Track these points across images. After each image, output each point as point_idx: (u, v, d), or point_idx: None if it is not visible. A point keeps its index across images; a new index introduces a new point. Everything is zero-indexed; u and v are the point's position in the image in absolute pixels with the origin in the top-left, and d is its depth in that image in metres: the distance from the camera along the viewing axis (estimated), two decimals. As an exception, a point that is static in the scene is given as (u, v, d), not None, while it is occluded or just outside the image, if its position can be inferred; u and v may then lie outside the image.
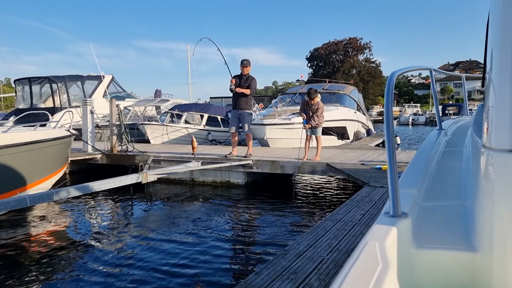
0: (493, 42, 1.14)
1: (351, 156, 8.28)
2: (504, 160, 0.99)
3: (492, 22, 1.16)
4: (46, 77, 14.95)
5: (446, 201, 1.58)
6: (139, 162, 8.44)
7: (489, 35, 1.25)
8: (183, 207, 6.73)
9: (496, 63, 1.07)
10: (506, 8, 1.03)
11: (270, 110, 12.78)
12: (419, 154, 2.13)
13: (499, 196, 1.00)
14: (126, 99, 17.25)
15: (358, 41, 58.75)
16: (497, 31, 1.09)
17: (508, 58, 1.01)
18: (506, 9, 1.03)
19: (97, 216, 6.47)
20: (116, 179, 6.37)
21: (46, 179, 6.93)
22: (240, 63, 8.04)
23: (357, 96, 15.41)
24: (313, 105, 7.79)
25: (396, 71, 1.69)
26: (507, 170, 0.98)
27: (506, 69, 1.01)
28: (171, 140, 12.88)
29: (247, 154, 8.04)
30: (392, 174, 1.27)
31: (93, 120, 9.60)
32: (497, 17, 1.09)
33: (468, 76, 5.09)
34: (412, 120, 44.94)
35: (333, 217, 3.81)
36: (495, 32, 1.12)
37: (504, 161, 0.99)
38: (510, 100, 0.98)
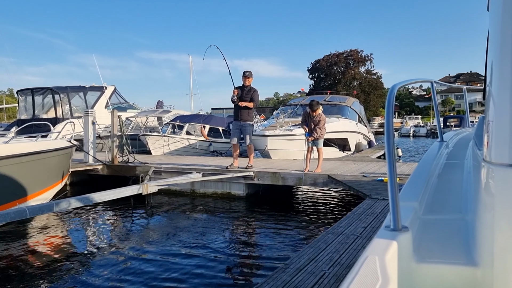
0: (492, 55, 1.14)
1: (352, 168, 8.26)
2: (504, 175, 0.98)
3: (492, 36, 1.16)
4: (49, 88, 15.04)
5: (447, 215, 1.56)
6: (140, 173, 8.41)
7: (489, 48, 1.26)
8: (183, 219, 6.69)
9: (496, 77, 1.07)
10: (505, 23, 1.03)
11: (271, 121, 12.79)
12: (420, 167, 2.12)
13: (499, 210, 0.99)
14: (128, 110, 17.32)
15: (359, 53, 59.06)
16: (496, 45, 1.09)
17: (507, 72, 1.01)
18: (505, 24, 1.03)
19: (97, 227, 6.43)
20: (117, 191, 6.35)
21: (47, 190, 6.91)
22: (242, 75, 8.07)
23: (359, 108, 15.43)
24: (315, 117, 7.78)
25: (397, 84, 1.69)
26: (507, 185, 0.98)
27: (505, 83, 1.01)
28: (173, 151, 12.88)
29: (248, 166, 8.02)
30: (392, 187, 1.26)
31: (94, 131, 9.62)
32: (496, 31, 1.09)
33: (469, 88, 5.10)
34: (413, 132, 44.93)
35: (334, 230, 3.78)
36: (494, 46, 1.12)
37: (504, 175, 0.98)
38: (510, 114, 0.98)
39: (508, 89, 1.00)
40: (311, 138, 7.83)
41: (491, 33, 1.20)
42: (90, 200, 6.06)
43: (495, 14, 1.12)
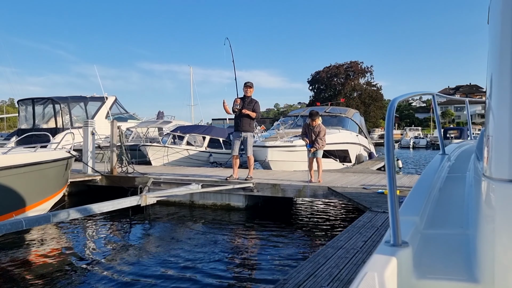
0: (491, 69, 1.14)
1: (352, 180, 8.21)
2: (504, 190, 0.97)
3: (491, 50, 1.16)
4: (49, 98, 15.08)
5: (448, 229, 1.55)
6: (139, 184, 8.37)
7: (488, 62, 1.25)
8: (182, 231, 6.62)
9: (495, 91, 1.07)
10: (504, 37, 1.02)
11: (272, 132, 12.79)
12: (421, 180, 2.11)
13: (499, 226, 0.98)
14: (128, 120, 17.35)
15: (359, 65, 59.43)
16: (495, 59, 1.08)
17: (506, 87, 1.00)
18: (504, 38, 1.02)
19: (95, 239, 6.37)
20: (115, 202, 6.30)
21: (45, 201, 6.86)
22: (244, 85, 8.07)
23: (359, 119, 15.45)
24: (315, 127, 7.83)
25: (397, 98, 1.69)
26: (507, 200, 0.97)
27: (504, 98, 1.00)
28: (173, 161, 12.85)
29: (248, 177, 7.98)
30: (392, 202, 1.25)
31: (93, 142, 9.59)
32: (495, 45, 1.09)
33: (471, 101, 5.09)
34: (413, 143, 44.96)
35: (334, 244, 3.72)
36: (493, 60, 1.12)
37: (504, 191, 0.98)
38: (509, 130, 0.97)
39: (507, 104, 0.99)
40: (313, 149, 7.85)
41: (490, 46, 1.19)
42: (88, 211, 6.01)
43: (494, 28, 1.12)
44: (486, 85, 1.34)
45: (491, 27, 1.19)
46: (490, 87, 1.15)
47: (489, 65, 1.22)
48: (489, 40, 1.23)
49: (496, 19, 1.10)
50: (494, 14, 1.16)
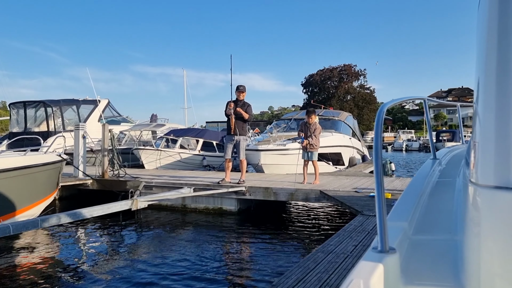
0: (478, 73, 1.13)
1: (345, 183, 8.22)
2: (490, 197, 0.97)
3: (478, 54, 1.15)
4: (41, 101, 14.96)
5: (436, 235, 1.54)
6: (130, 188, 8.31)
7: (475, 66, 1.24)
8: (173, 236, 6.58)
9: (482, 97, 1.06)
10: (489, 41, 1.02)
11: (265, 135, 12.78)
12: (412, 185, 2.11)
13: (485, 232, 0.98)
14: (121, 123, 17.25)
15: (353, 68, 59.73)
16: (481, 63, 1.08)
17: (492, 93, 0.99)
18: (490, 43, 1.02)
19: (85, 244, 6.30)
20: (105, 206, 6.25)
21: (35, 205, 6.78)
22: (236, 89, 8.06)
23: (352, 122, 15.47)
24: (311, 125, 8.07)
25: (386, 103, 1.68)
26: (493, 207, 0.97)
27: (490, 104, 1.00)
28: (166, 165, 12.78)
29: (240, 181, 7.95)
30: (380, 209, 1.24)
31: (85, 145, 9.51)
32: (481, 50, 1.08)
33: (462, 104, 5.14)
34: (406, 146, 45.24)
35: (324, 248, 3.71)
36: (479, 64, 1.11)
37: (489, 197, 0.97)
38: (495, 136, 0.97)
39: (493, 110, 0.98)
40: (306, 142, 8.00)
41: (477, 51, 1.19)
42: (78, 216, 5.94)
43: (481, 31, 1.11)
44: (474, 89, 1.34)
45: (478, 31, 1.19)
46: (477, 92, 1.15)
47: (476, 68, 1.21)
48: (476, 44, 1.22)
49: (482, 24, 1.10)
50: (480, 19, 1.16)
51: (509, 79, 0.96)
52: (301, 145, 8.20)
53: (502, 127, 0.96)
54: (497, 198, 0.95)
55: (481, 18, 1.15)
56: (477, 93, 1.12)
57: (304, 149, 8.26)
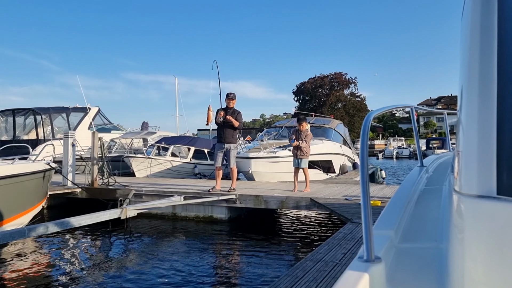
0: (461, 80, 1.13)
1: (335, 191, 8.25)
2: (473, 206, 0.97)
3: (461, 63, 1.16)
4: (30, 109, 14.84)
5: (422, 243, 1.54)
6: (120, 196, 8.24)
7: (459, 75, 1.25)
8: (163, 245, 6.53)
9: (464, 106, 1.06)
10: (472, 51, 1.02)
11: (255, 143, 12.79)
12: (398, 193, 2.11)
13: (469, 241, 0.98)
14: (112, 131, 17.16)
15: (344, 76, 60.24)
16: (464, 72, 1.08)
17: (474, 102, 1.00)
18: (472, 52, 1.02)
19: (73, 253, 6.22)
20: (94, 215, 6.19)
21: (24, 214, 6.68)
22: (226, 96, 8.09)
23: (343, 130, 15.57)
24: (302, 132, 8.21)
25: (373, 112, 1.68)
26: (476, 215, 0.97)
27: (473, 113, 1.00)
28: (157, 173, 12.71)
29: (231, 189, 7.94)
30: (366, 218, 1.24)
31: (74, 153, 9.43)
32: (464, 59, 1.09)
33: (449, 112, 5.21)
34: (396, 153, 45.58)
35: (313, 256, 3.71)
36: (462, 72, 1.11)
37: (472, 206, 0.98)
38: (477, 145, 0.97)
39: (475, 119, 0.99)
40: (296, 143, 8.15)
41: (460, 57, 1.20)
42: (66, 225, 5.88)
43: (464, 42, 1.12)
44: (458, 98, 1.35)
45: (461, 40, 1.20)
46: (460, 100, 1.16)
47: (459, 77, 1.22)
48: (459, 53, 1.23)
49: (465, 32, 1.11)
50: (463, 29, 1.17)
51: (491, 89, 0.97)
52: (292, 145, 8.33)
53: (484, 136, 0.97)
54: (480, 207, 0.95)
55: (464, 28, 1.16)
56: (461, 101, 1.13)
57: (294, 156, 8.30)
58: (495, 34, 0.98)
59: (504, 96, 0.96)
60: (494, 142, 0.95)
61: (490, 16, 1.00)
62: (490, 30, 0.99)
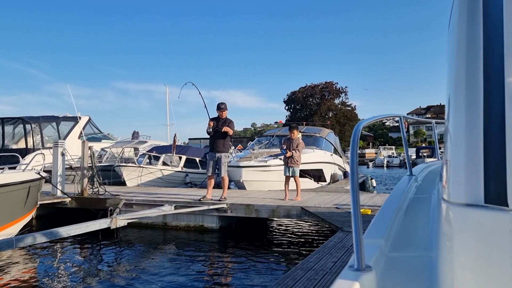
0: (448, 89, 1.14)
1: (326, 200, 8.29)
2: (461, 214, 0.98)
3: (448, 72, 1.17)
4: (20, 118, 14.72)
5: (412, 252, 1.55)
6: (110, 206, 8.18)
7: (446, 84, 1.26)
8: (154, 254, 6.49)
9: (452, 115, 1.07)
10: (458, 61, 1.04)
11: (246, 152, 12.82)
12: (388, 201, 2.11)
13: (457, 249, 0.99)
14: (102, 140, 17.08)
15: (334, 85, 60.81)
16: (451, 81, 1.09)
17: (462, 111, 1.01)
18: (459, 63, 1.04)
19: (62, 264, 6.15)
20: (83, 225, 6.14)
21: (12, 224, 6.61)
22: (217, 107, 8.12)
23: (334, 139, 15.68)
24: (293, 140, 8.25)
25: (362, 121, 1.68)
26: (464, 224, 0.98)
27: (460, 122, 1.01)
28: (148, 182, 12.66)
29: (222, 198, 7.94)
30: (356, 226, 1.25)
31: (63, 162, 9.37)
32: (451, 69, 1.10)
33: (437, 121, 5.28)
34: (387, 162, 45.93)
35: (304, 265, 3.74)
36: (450, 82, 1.12)
37: (461, 215, 0.99)
38: (465, 154, 0.99)
39: (462, 128, 1.01)
40: (289, 153, 8.17)
41: (447, 69, 1.22)
42: (55, 235, 5.82)
43: (451, 52, 1.14)
44: (445, 107, 1.37)
45: (448, 51, 1.22)
46: (448, 109, 1.16)
47: (446, 86, 1.23)
48: (447, 63, 1.25)
49: (451, 41, 1.13)
50: (450, 39, 1.20)
51: (477, 98, 0.98)
52: (284, 156, 8.36)
53: (471, 145, 0.98)
54: (468, 215, 0.96)
55: (451, 39, 1.19)
56: (448, 111, 1.14)
57: (285, 164, 8.35)
58: (481, 45, 1.00)
59: (490, 105, 0.97)
60: (481, 151, 0.96)
61: (476, 27, 1.02)
62: (475, 41, 1.01)
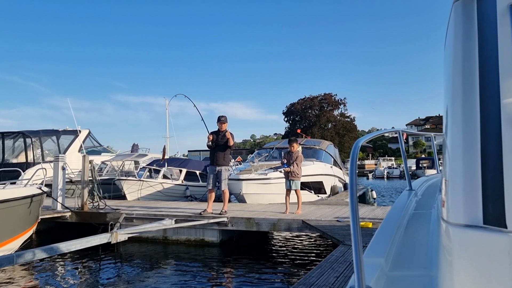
0: (446, 102, 1.15)
1: (327, 213, 8.28)
2: (460, 235, 0.99)
3: (445, 86, 1.18)
4: (20, 132, 14.73)
5: (412, 271, 1.56)
6: (110, 220, 8.17)
7: (443, 99, 1.27)
8: (154, 269, 6.46)
9: (450, 132, 1.08)
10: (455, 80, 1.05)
11: (246, 165, 12.83)
12: (388, 218, 2.10)
13: (457, 269, 1.00)
14: (102, 153, 17.07)
15: (333, 97, 61.01)
16: (448, 96, 1.10)
17: (459, 129, 1.02)
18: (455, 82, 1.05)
19: (62, 279, 6.11)
20: (84, 240, 6.12)
21: (14, 239, 6.59)
22: (217, 120, 8.15)
23: (333, 151, 15.70)
24: (293, 153, 8.24)
25: (361, 139, 1.66)
26: (463, 244, 0.99)
27: (457, 141, 1.02)
28: (148, 195, 12.63)
29: (222, 211, 7.93)
30: (356, 247, 1.22)
31: (64, 177, 9.37)
32: (448, 86, 1.11)
33: (436, 134, 5.29)
34: (387, 173, 45.88)
35: (306, 280, 3.73)
36: (447, 99, 1.13)
37: (460, 235, 0.99)
38: (463, 174, 0.99)
39: (460, 149, 1.01)
40: (287, 169, 8.18)
41: (444, 86, 1.22)
42: (56, 251, 5.80)
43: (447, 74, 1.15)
44: (443, 122, 1.35)
45: (444, 66, 1.23)
46: (445, 122, 1.16)
47: (444, 101, 1.24)
48: (443, 80, 1.26)
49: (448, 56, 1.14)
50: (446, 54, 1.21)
51: (475, 119, 0.99)
52: (284, 170, 8.37)
53: (469, 166, 0.98)
54: (467, 236, 0.97)
55: (447, 57, 1.20)
56: (446, 128, 1.15)
57: (286, 177, 8.35)
58: (477, 66, 1.02)
59: (487, 127, 0.98)
60: (479, 172, 0.97)
61: (471, 48, 1.03)
62: (471, 62, 1.02)
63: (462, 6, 1.08)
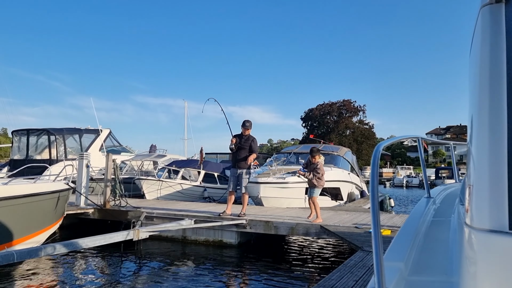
0: (472, 111, 1.14)
1: (345, 219, 8.27)
2: (485, 240, 0.98)
3: (471, 96, 1.17)
4: (45, 129, 15.17)
5: (433, 276, 1.54)
6: (132, 218, 8.35)
7: (468, 107, 1.26)
8: (173, 268, 6.58)
9: (475, 138, 1.07)
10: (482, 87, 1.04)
11: (264, 168, 12.91)
12: (407, 224, 2.10)
13: (481, 275, 0.98)
14: (122, 153, 17.41)
15: (352, 104, 60.60)
16: (474, 105, 1.09)
17: (485, 134, 1.01)
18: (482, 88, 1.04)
19: (84, 274, 6.29)
20: (107, 236, 6.29)
21: (40, 232, 6.82)
22: (242, 125, 8.21)
23: (351, 158, 15.65)
24: (313, 164, 7.98)
25: (382, 143, 1.68)
26: (488, 250, 0.97)
27: (483, 148, 1.02)
28: (167, 195, 12.84)
29: (241, 214, 8.01)
30: (377, 250, 1.24)
31: (88, 174, 9.63)
32: (474, 93, 1.10)
33: (458, 141, 5.22)
34: (406, 182, 45.20)
35: (325, 283, 3.77)
36: (472, 106, 1.12)
37: (485, 241, 0.98)
38: (489, 179, 0.99)
39: (486, 153, 1.01)
40: (303, 173, 8.05)
41: (469, 93, 1.22)
42: (80, 246, 5.98)
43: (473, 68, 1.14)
44: (468, 129, 1.33)
45: (470, 75, 1.22)
46: (470, 131, 1.15)
47: (469, 108, 1.22)
48: (468, 88, 1.25)
49: (474, 64, 1.13)
50: (472, 60, 1.20)
51: (502, 123, 0.99)
52: (298, 172, 8.33)
53: (495, 170, 0.98)
54: (492, 241, 0.96)
55: (473, 63, 1.19)
56: (471, 133, 1.14)
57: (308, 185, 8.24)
58: (504, 72, 1.01)
59: None
60: (505, 177, 0.96)
61: (499, 53, 1.02)
62: (499, 68, 1.01)
63: (489, 11, 1.06)
